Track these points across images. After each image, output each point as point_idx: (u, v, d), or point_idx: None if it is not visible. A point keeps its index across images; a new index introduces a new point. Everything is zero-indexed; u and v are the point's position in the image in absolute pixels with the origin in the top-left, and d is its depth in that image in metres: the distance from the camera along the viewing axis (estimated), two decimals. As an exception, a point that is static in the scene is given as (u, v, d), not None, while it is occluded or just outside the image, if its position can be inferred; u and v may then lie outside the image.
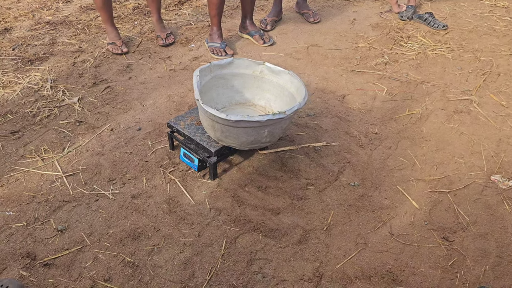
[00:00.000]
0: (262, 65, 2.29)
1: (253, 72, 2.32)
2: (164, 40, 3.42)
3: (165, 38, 3.43)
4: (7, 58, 3.25)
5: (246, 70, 2.32)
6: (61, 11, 4.07)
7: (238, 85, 2.35)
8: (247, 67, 2.31)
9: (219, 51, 3.22)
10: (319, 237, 1.85)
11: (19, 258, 1.77)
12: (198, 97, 1.95)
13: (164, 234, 1.87)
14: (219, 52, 3.22)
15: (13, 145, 2.40)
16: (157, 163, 2.24)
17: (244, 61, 2.30)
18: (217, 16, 3.18)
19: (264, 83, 2.32)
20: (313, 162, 2.24)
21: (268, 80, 2.30)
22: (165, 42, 3.42)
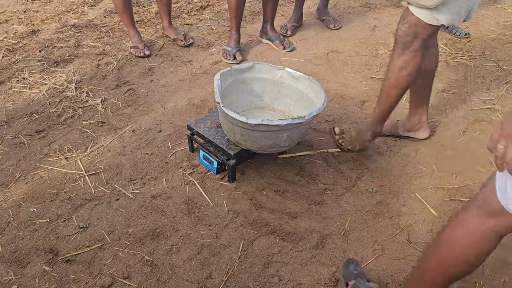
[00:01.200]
0: (282, 70, 2.31)
1: (273, 77, 2.34)
2: (184, 40, 3.49)
3: (184, 39, 3.49)
4: (34, 59, 3.34)
5: (266, 75, 2.34)
6: (86, 15, 4.17)
7: (258, 89, 2.38)
8: (267, 71, 2.34)
9: (229, 55, 3.28)
10: (336, 242, 1.85)
11: (42, 253, 1.82)
12: (219, 100, 1.98)
13: (183, 234, 1.90)
14: (229, 55, 3.27)
15: (38, 143, 2.47)
16: (177, 165, 2.28)
17: (264, 65, 2.33)
18: (234, 19, 3.23)
19: (284, 88, 2.34)
20: (331, 167, 2.25)
21: (288, 85, 2.31)
22: (186, 43, 3.48)
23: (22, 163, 2.33)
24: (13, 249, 1.84)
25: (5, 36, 3.71)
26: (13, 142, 2.49)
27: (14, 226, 1.95)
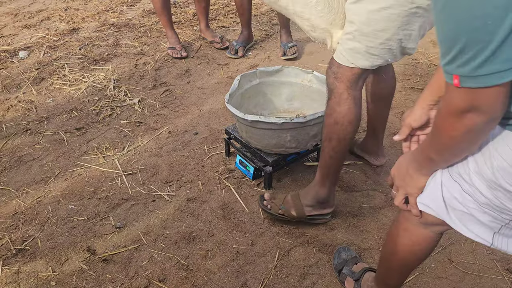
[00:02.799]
0: (310, 74, 2.29)
1: (302, 81, 2.32)
2: (220, 43, 3.50)
3: (221, 42, 3.51)
4: (74, 57, 3.41)
5: (296, 79, 2.33)
6: (125, 14, 4.24)
7: (287, 93, 2.37)
8: (296, 75, 2.32)
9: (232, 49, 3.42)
10: (374, 257, 1.81)
11: (80, 251, 1.84)
12: (226, 97, 2.05)
13: (218, 240, 1.88)
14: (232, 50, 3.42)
15: (77, 141, 2.51)
16: (213, 169, 2.27)
17: (294, 69, 2.31)
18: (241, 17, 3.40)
19: (313, 92, 2.31)
20: (370, 179, 2.20)
21: (317, 89, 2.28)
22: (222, 45, 3.49)
23: (61, 159, 2.37)
24: (51, 245, 1.87)
25: (46, 33, 3.81)
26: (53, 138, 2.53)
27: (53, 222, 1.98)
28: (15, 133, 2.58)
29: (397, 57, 1.57)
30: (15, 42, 3.67)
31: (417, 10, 1.41)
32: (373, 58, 1.52)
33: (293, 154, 2.13)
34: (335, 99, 1.62)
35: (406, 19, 1.43)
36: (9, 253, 1.82)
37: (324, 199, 1.85)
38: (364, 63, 1.54)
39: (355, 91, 1.62)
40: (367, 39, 1.49)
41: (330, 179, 1.80)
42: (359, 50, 1.52)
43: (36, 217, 2.01)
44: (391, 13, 1.41)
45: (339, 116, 1.63)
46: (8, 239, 1.89)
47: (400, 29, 1.45)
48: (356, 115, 1.64)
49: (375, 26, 1.45)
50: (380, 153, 2.24)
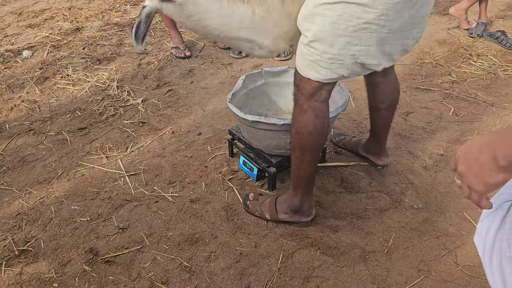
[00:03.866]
0: None
1: None
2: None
3: None
4: (77, 56, 3.40)
5: None
6: (128, 13, 4.23)
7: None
8: None
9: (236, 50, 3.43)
10: (379, 260, 1.79)
11: (82, 252, 1.83)
12: (229, 97, 2.06)
13: (221, 241, 1.87)
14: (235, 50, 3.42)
15: (80, 141, 2.50)
16: (216, 169, 2.26)
17: None
18: None
19: None
20: (374, 180, 2.18)
21: None
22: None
23: (65, 159, 2.36)
24: (54, 246, 1.86)
25: (50, 32, 3.80)
26: (56, 138, 2.53)
27: (55, 223, 1.97)
28: (18, 133, 2.57)
29: (356, 72, 1.53)
30: (19, 42, 3.67)
31: (367, 25, 1.37)
32: (325, 71, 1.50)
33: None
34: (297, 109, 1.63)
35: (356, 34, 1.39)
36: (12, 254, 1.82)
37: (297, 208, 1.86)
38: (315, 75, 1.52)
39: (316, 103, 1.59)
40: (316, 52, 1.47)
41: (301, 189, 1.80)
42: (310, 62, 1.51)
43: (39, 218, 2.00)
44: (336, 28, 1.39)
45: (300, 126, 1.63)
46: (11, 240, 1.88)
47: (350, 44, 1.41)
48: (316, 127, 1.62)
49: (323, 40, 1.43)
50: (383, 153, 2.22)
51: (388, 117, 2.07)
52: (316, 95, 1.58)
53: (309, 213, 1.89)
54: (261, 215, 1.94)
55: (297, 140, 1.66)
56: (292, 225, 1.92)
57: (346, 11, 1.35)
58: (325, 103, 1.62)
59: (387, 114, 2.05)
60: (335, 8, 1.36)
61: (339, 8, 1.36)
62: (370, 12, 1.34)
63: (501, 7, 4.29)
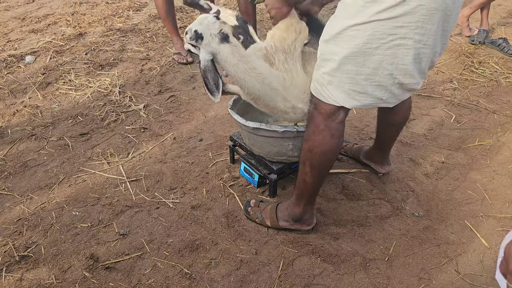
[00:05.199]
0: None
1: None
2: None
3: None
4: (80, 62, 3.41)
5: None
6: (131, 19, 4.25)
7: None
8: None
9: None
10: (379, 268, 1.78)
11: (83, 258, 1.83)
12: (230, 103, 2.10)
13: (222, 248, 1.87)
14: None
15: (82, 146, 2.51)
16: (217, 176, 2.26)
17: None
18: None
19: None
20: (375, 187, 2.18)
21: None
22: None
23: (66, 165, 2.36)
24: (55, 252, 1.86)
25: (53, 37, 3.82)
26: (58, 143, 2.53)
27: (56, 228, 1.97)
28: (20, 138, 2.58)
29: (396, 95, 1.47)
30: (22, 47, 3.69)
31: (402, 41, 1.33)
32: (360, 96, 1.45)
33: (297, 162, 2.11)
34: (312, 128, 1.60)
35: (390, 52, 1.35)
36: (12, 259, 1.82)
37: (298, 218, 1.85)
38: (351, 102, 1.47)
39: (333, 123, 1.56)
40: (348, 76, 1.42)
41: (304, 200, 1.80)
42: (342, 88, 1.45)
43: (40, 224, 2.00)
44: (369, 48, 1.35)
45: (313, 144, 1.61)
46: (11, 245, 1.88)
47: (386, 63, 1.36)
48: (331, 147, 1.60)
49: (355, 61, 1.38)
50: (385, 161, 2.21)
51: (397, 132, 2.06)
52: (335, 115, 1.54)
53: (310, 222, 1.89)
54: (262, 222, 1.94)
55: (309, 157, 1.64)
56: (293, 232, 1.92)
57: (378, 30, 1.31)
58: (342, 123, 1.58)
59: (396, 130, 2.04)
60: (366, 28, 1.32)
61: (370, 27, 1.32)
62: (405, 26, 1.29)
63: (503, 14, 4.30)
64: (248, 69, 1.65)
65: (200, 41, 1.60)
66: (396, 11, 1.28)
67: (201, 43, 1.60)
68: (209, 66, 1.62)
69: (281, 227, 1.91)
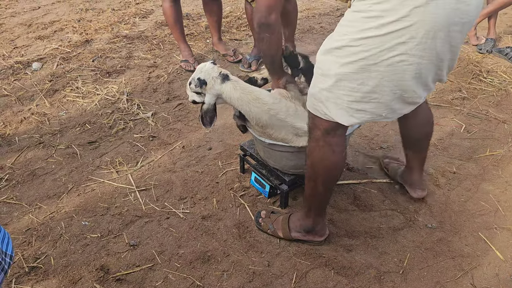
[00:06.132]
0: None
1: None
2: (233, 56, 3.51)
3: (234, 55, 3.52)
4: (87, 69, 3.41)
5: None
6: (137, 26, 4.24)
7: None
8: None
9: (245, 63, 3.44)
10: (394, 281, 1.76)
11: (93, 270, 1.80)
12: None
13: (234, 260, 1.84)
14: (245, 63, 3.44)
15: (90, 155, 2.49)
16: (228, 186, 2.24)
17: None
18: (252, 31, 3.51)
19: None
20: (387, 198, 2.16)
21: None
22: (235, 59, 3.51)
23: (75, 174, 2.35)
24: (64, 263, 1.84)
25: (60, 44, 3.82)
26: (66, 152, 2.52)
27: (65, 239, 1.95)
28: (28, 146, 2.56)
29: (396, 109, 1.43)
30: (29, 54, 3.68)
31: (403, 57, 1.28)
32: (358, 113, 1.42)
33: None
34: (312, 143, 1.58)
35: (390, 69, 1.30)
36: (22, 271, 1.80)
37: (310, 229, 1.83)
38: (349, 119, 1.44)
39: (333, 138, 1.53)
40: (345, 94, 1.39)
41: (313, 211, 1.78)
42: (340, 105, 1.42)
43: (49, 234, 1.98)
44: (367, 64, 1.31)
45: (315, 161, 1.59)
46: (20, 256, 1.86)
47: (385, 80, 1.33)
48: (334, 163, 1.58)
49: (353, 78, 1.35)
50: (418, 185, 2.10)
51: (419, 148, 1.98)
52: (334, 130, 1.52)
53: (322, 232, 1.87)
54: (273, 233, 1.92)
55: (312, 172, 1.62)
56: (305, 243, 1.90)
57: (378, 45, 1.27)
58: (342, 137, 1.55)
59: (417, 146, 1.97)
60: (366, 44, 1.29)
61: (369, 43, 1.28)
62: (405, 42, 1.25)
63: (509, 23, 4.30)
64: (251, 100, 1.76)
65: (205, 86, 1.76)
66: (396, 26, 1.24)
67: (206, 88, 1.76)
68: (211, 109, 1.81)
69: (294, 238, 1.89)
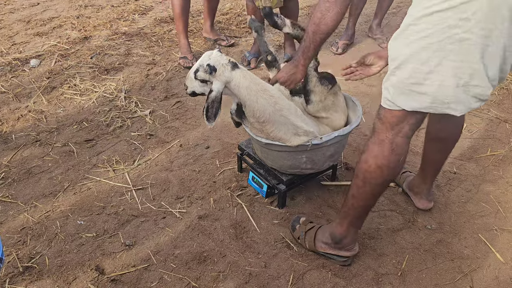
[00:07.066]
0: None
1: None
2: (226, 40, 3.68)
3: (226, 39, 3.68)
4: (85, 66, 3.38)
5: None
6: (136, 23, 4.21)
7: None
8: None
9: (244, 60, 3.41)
10: (392, 283, 1.73)
11: (88, 270, 1.78)
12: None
13: (230, 261, 1.82)
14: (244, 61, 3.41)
15: (87, 153, 2.47)
16: (225, 185, 2.21)
17: None
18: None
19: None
20: (386, 198, 2.13)
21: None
22: (228, 43, 3.67)
23: (71, 172, 2.32)
24: (59, 263, 1.82)
25: (58, 41, 3.79)
26: (62, 150, 2.49)
27: (61, 238, 1.93)
28: (24, 144, 2.54)
29: (462, 100, 1.31)
30: (27, 50, 3.66)
31: (466, 35, 1.21)
32: (420, 97, 1.33)
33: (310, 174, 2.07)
34: (373, 138, 1.52)
35: (453, 48, 1.23)
36: (16, 271, 1.78)
37: (339, 239, 1.73)
38: (410, 104, 1.36)
39: (395, 136, 1.46)
40: (408, 75, 1.32)
41: (349, 220, 1.67)
42: (402, 88, 1.36)
43: (44, 233, 1.96)
44: (429, 43, 1.25)
45: (370, 156, 1.51)
46: (15, 256, 1.84)
47: (448, 60, 1.25)
48: (389, 162, 1.48)
49: (416, 59, 1.30)
50: (425, 196, 2.03)
51: (441, 154, 1.91)
52: (398, 126, 1.44)
53: (350, 247, 1.75)
54: (301, 241, 1.85)
55: (363, 170, 1.53)
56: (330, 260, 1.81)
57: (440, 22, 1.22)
58: (406, 139, 1.48)
59: (440, 149, 1.89)
60: (428, 21, 1.24)
61: (431, 20, 1.24)
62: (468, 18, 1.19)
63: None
64: (260, 91, 1.75)
65: (214, 73, 1.71)
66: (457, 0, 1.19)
67: (215, 74, 1.71)
68: (218, 98, 1.73)
69: (318, 250, 1.79)
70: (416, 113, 1.41)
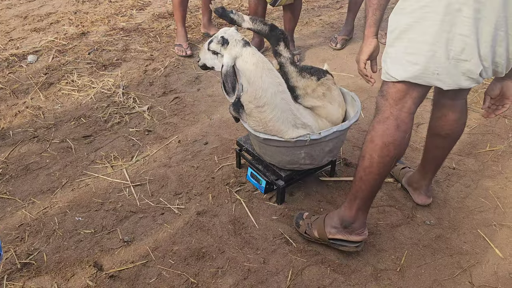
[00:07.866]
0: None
1: None
2: None
3: None
4: (83, 61, 3.36)
5: None
6: (134, 18, 4.19)
7: None
8: None
9: None
10: (391, 278, 1.73)
11: (86, 266, 1.78)
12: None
13: (229, 257, 1.82)
14: None
15: (85, 149, 2.46)
16: (223, 181, 2.21)
17: None
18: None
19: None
20: (385, 194, 2.13)
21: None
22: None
23: (69, 168, 2.31)
24: (57, 259, 1.81)
25: (56, 37, 3.77)
26: (60, 146, 2.48)
27: (59, 234, 1.93)
28: (22, 140, 2.53)
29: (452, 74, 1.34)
30: (24, 46, 3.64)
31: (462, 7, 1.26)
32: (412, 67, 1.37)
33: (309, 170, 2.06)
34: (377, 116, 1.52)
35: (448, 19, 1.28)
36: (14, 267, 1.77)
37: (348, 223, 1.70)
38: (402, 73, 1.40)
39: (399, 112, 1.47)
40: (405, 44, 1.38)
41: (358, 203, 1.66)
42: (398, 57, 1.41)
43: (42, 229, 1.95)
44: (426, 12, 1.31)
45: (376, 134, 1.50)
46: (13, 252, 1.84)
47: (442, 30, 1.30)
48: (395, 139, 1.48)
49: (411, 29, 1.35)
50: (424, 192, 2.03)
51: (442, 149, 1.88)
52: (401, 102, 1.47)
53: (360, 232, 1.72)
54: (310, 233, 1.83)
55: (369, 149, 1.53)
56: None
57: None
58: (409, 114, 1.49)
59: (441, 145, 1.86)
60: None
61: None
62: None
63: None
64: (266, 69, 1.76)
65: (226, 45, 1.74)
66: None
67: (227, 47, 1.74)
68: (230, 72, 1.74)
69: (328, 237, 1.76)
70: (417, 86, 1.44)
